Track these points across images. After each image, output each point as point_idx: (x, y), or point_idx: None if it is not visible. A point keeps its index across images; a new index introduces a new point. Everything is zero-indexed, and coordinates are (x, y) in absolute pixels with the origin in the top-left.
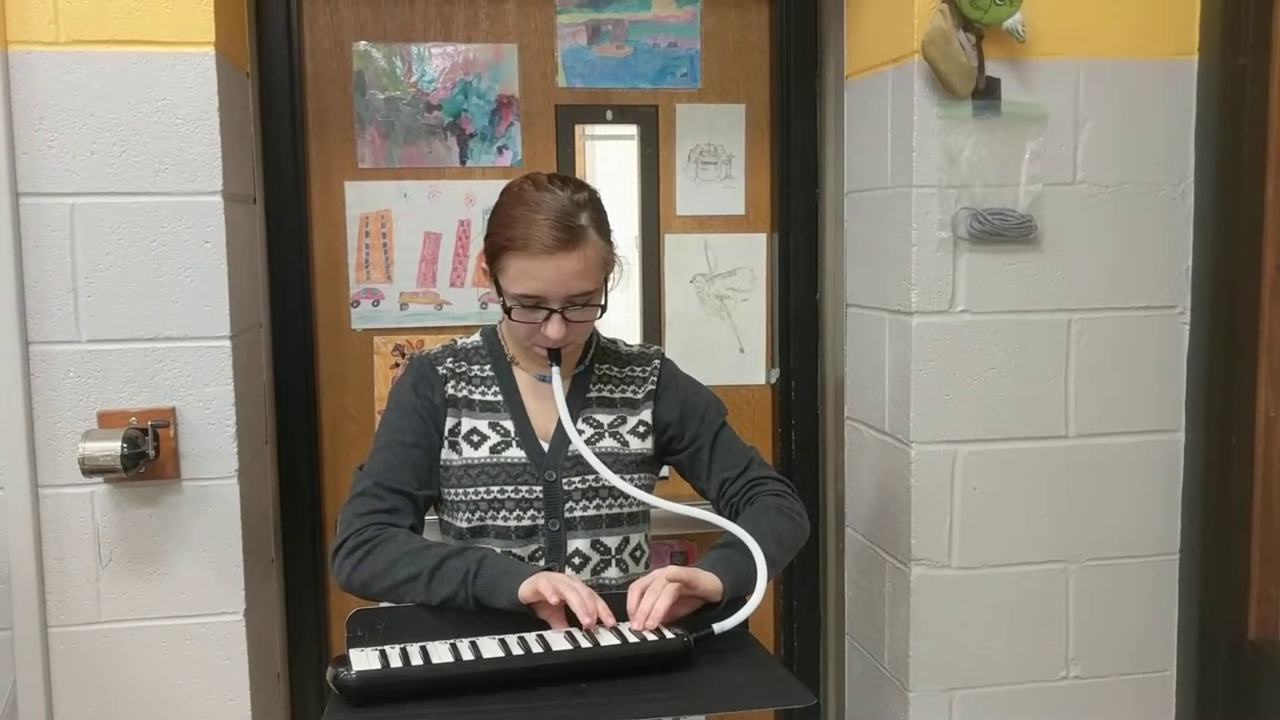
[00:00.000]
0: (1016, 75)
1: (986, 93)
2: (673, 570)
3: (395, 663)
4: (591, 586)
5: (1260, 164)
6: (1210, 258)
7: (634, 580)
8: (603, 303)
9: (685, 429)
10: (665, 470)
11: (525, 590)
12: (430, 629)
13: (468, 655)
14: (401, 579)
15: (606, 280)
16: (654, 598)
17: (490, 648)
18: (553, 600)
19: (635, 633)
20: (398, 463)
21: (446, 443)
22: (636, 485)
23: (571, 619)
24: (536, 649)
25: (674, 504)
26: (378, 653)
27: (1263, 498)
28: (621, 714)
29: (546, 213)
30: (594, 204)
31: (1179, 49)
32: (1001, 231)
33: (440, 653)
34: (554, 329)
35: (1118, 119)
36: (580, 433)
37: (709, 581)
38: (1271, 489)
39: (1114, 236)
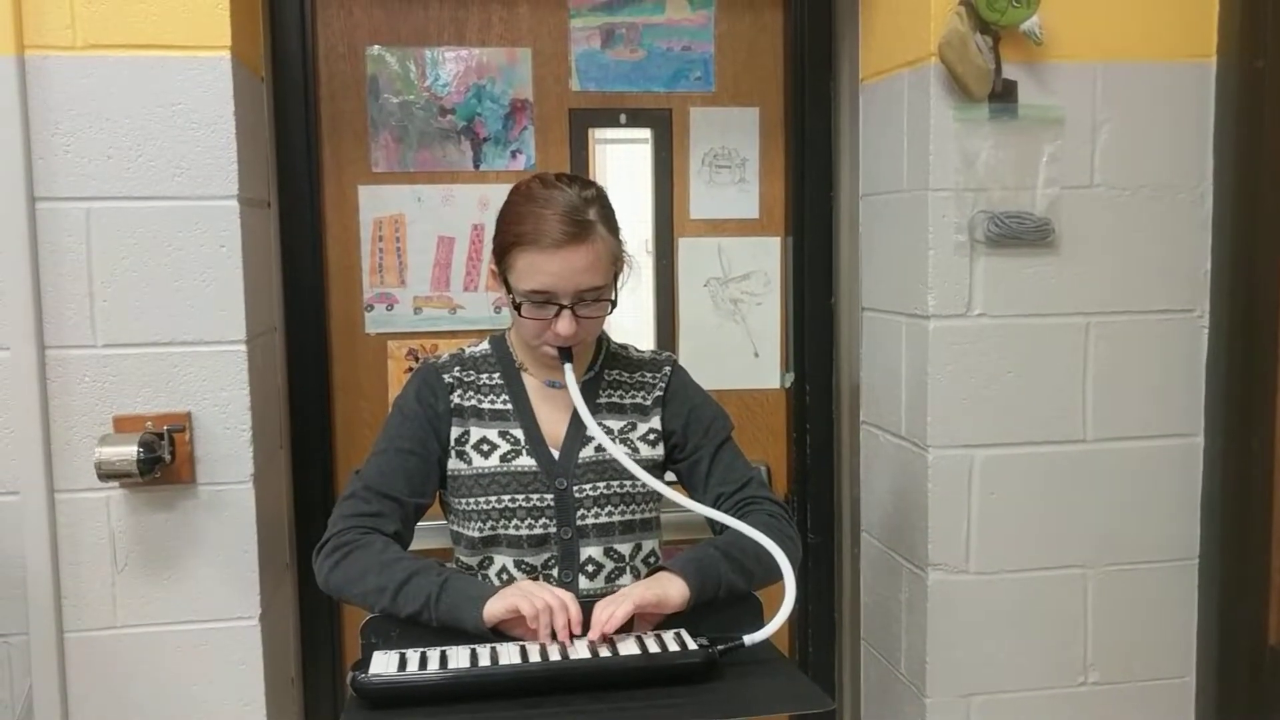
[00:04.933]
0: (1034, 78)
1: (1003, 95)
2: (640, 594)
3: (414, 667)
4: (580, 597)
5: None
6: (1229, 261)
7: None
8: (613, 299)
9: (688, 439)
10: (670, 476)
11: (497, 607)
12: (445, 634)
13: (486, 661)
14: (370, 589)
15: (616, 277)
16: (612, 608)
17: (509, 654)
18: (531, 618)
19: (658, 641)
20: (391, 468)
21: (454, 452)
22: (647, 495)
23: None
24: (555, 657)
25: (691, 501)
26: (397, 656)
27: None
28: None
29: (555, 208)
30: (601, 200)
31: (1197, 51)
32: (1019, 235)
33: (459, 658)
34: (564, 325)
35: (1136, 121)
36: (590, 439)
37: (677, 595)
38: None
39: (1132, 239)
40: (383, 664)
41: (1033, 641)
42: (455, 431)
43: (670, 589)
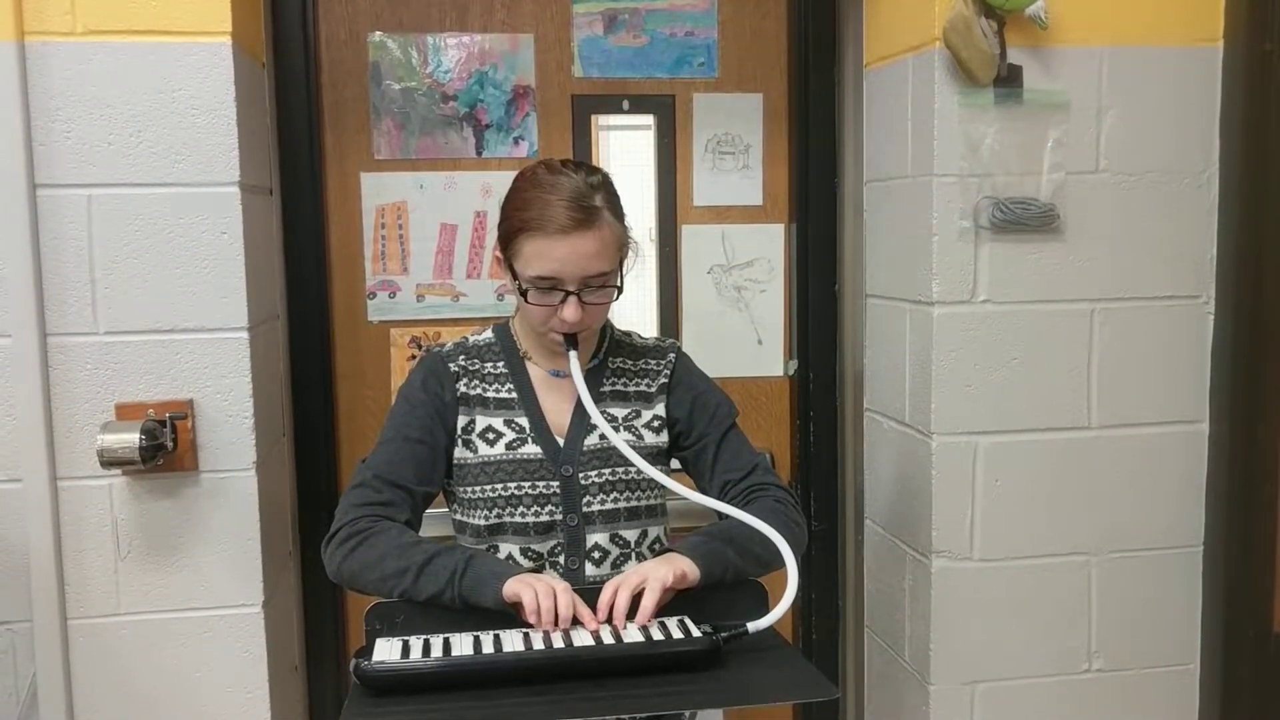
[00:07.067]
0: (1039, 63)
1: (1008, 80)
2: (663, 573)
3: (416, 654)
4: (587, 583)
5: None
6: (1235, 247)
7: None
8: (619, 285)
9: (694, 426)
10: (674, 464)
11: (507, 590)
12: (449, 622)
13: (489, 648)
14: (389, 573)
15: (622, 262)
16: (629, 591)
17: (513, 641)
18: (531, 617)
19: (662, 628)
20: (399, 457)
21: (460, 441)
22: (653, 481)
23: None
24: (559, 644)
25: (696, 494)
26: (400, 643)
27: None
28: (641, 707)
29: (561, 194)
30: (607, 186)
31: (1203, 35)
32: (1024, 221)
33: (462, 645)
34: (571, 311)
35: (1141, 106)
36: (595, 427)
37: (692, 572)
38: None
39: (1137, 225)
40: (385, 651)
41: (1037, 629)
42: (462, 420)
43: (685, 566)
